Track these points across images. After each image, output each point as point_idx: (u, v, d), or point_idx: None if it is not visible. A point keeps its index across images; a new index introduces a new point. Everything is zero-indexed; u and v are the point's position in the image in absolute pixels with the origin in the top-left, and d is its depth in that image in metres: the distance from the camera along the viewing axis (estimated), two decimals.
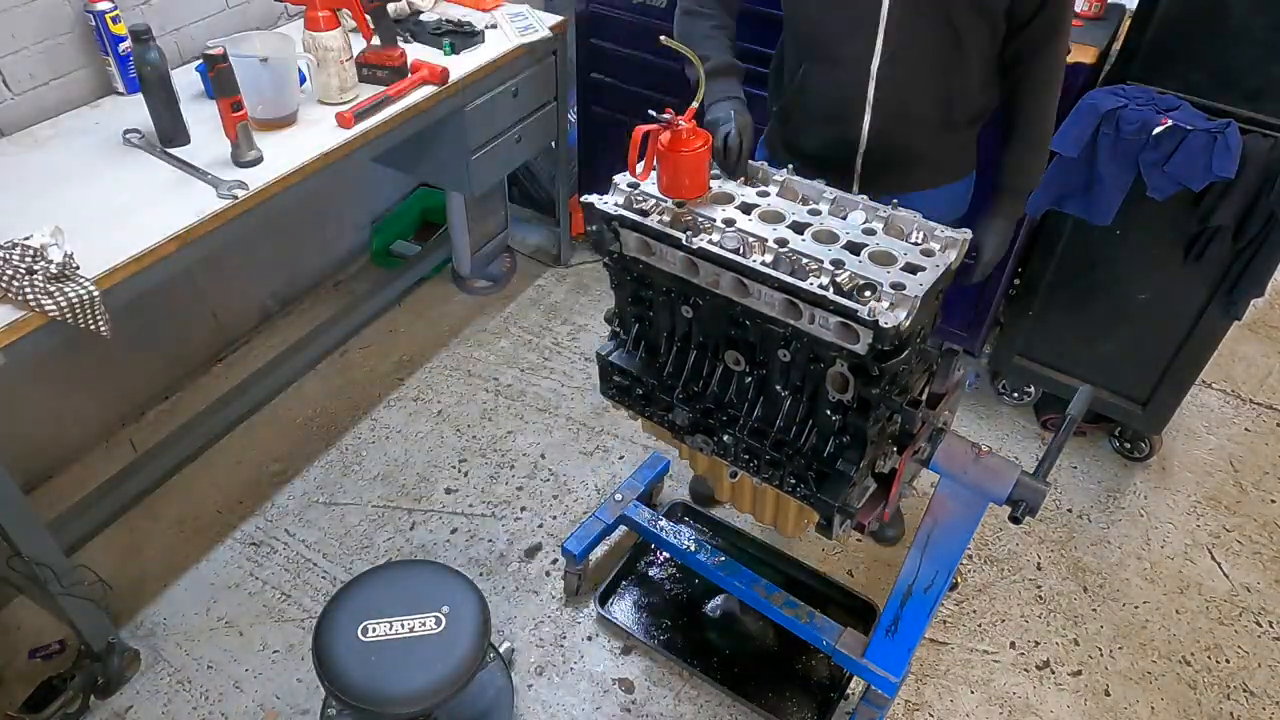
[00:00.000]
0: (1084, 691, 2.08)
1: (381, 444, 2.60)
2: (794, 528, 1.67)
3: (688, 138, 1.41)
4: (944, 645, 2.15)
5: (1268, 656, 2.16)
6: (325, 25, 2.05)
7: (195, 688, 2.01)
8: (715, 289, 1.44)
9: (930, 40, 1.56)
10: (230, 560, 2.27)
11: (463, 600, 1.62)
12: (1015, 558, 2.36)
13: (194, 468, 2.48)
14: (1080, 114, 2.03)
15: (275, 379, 2.64)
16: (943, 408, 1.49)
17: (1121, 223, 2.16)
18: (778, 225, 1.43)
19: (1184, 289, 2.24)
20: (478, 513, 2.42)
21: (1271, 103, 1.96)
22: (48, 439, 2.41)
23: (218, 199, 1.80)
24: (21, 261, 1.50)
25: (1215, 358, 2.39)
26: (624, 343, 1.69)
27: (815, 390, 1.45)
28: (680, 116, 1.41)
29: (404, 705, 1.49)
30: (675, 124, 1.41)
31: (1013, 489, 1.39)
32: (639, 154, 1.48)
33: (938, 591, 1.61)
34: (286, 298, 3.04)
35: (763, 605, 1.97)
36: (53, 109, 2.08)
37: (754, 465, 1.57)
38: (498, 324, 3.02)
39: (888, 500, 1.53)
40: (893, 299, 1.27)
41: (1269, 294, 2.86)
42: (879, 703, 1.86)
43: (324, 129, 2.05)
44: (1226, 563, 2.37)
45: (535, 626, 2.15)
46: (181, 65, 2.29)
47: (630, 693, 2.04)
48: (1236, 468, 2.63)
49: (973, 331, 2.67)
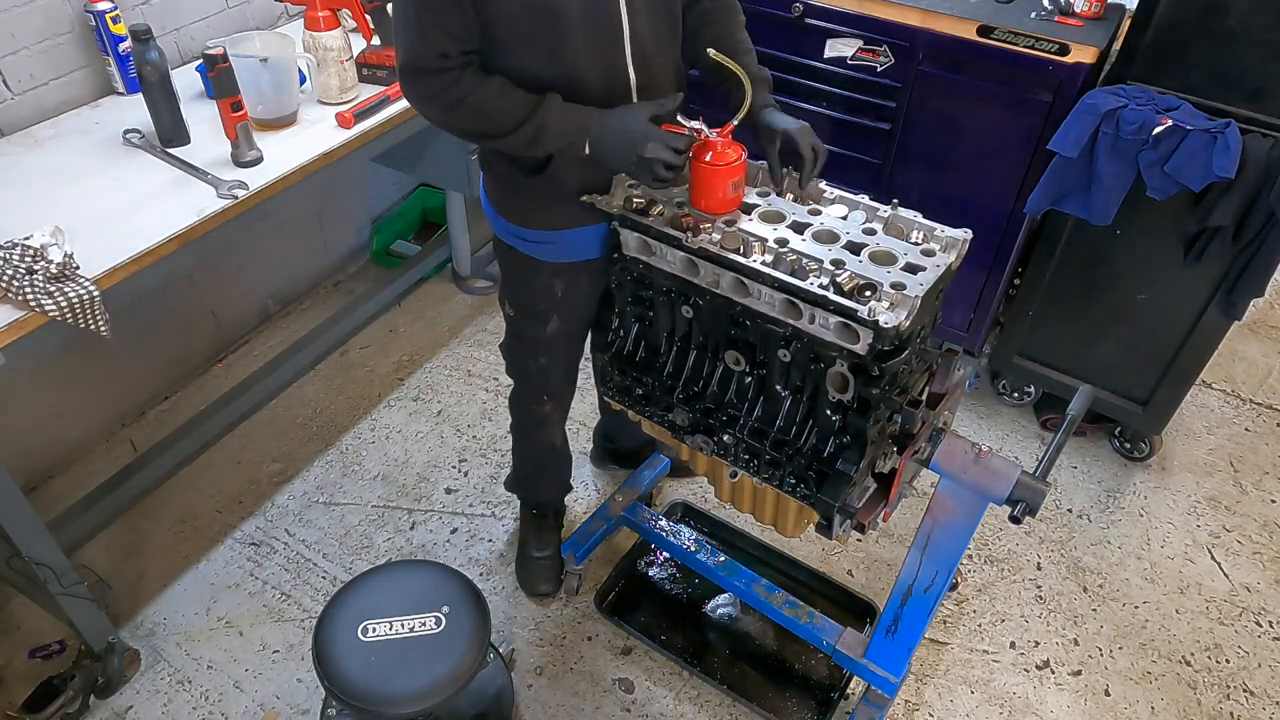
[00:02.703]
0: (1084, 691, 2.08)
1: (381, 444, 2.60)
2: (794, 528, 1.67)
3: (721, 151, 1.40)
4: (944, 645, 2.15)
5: (1268, 656, 2.16)
6: (325, 25, 2.05)
7: (195, 688, 2.01)
8: (715, 289, 1.44)
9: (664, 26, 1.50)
10: (230, 560, 2.27)
11: (463, 600, 1.62)
12: (1015, 558, 2.36)
13: (194, 468, 2.48)
14: (1080, 114, 2.03)
15: (275, 379, 2.63)
16: (943, 408, 1.49)
17: (1121, 223, 2.16)
18: (778, 225, 1.43)
19: (1184, 289, 2.24)
20: (478, 513, 2.42)
21: (1271, 103, 1.96)
22: (48, 439, 2.41)
23: (218, 199, 1.80)
24: (21, 261, 1.50)
25: (1215, 358, 2.39)
26: (624, 343, 1.69)
27: (815, 390, 1.45)
28: (713, 130, 1.40)
29: (404, 705, 1.49)
30: (703, 136, 1.40)
31: (1013, 489, 1.39)
32: None
33: (938, 591, 1.61)
34: (286, 298, 3.04)
35: (763, 605, 1.97)
36: (53, 109, 2.08)
37: (754, 465, 1.57)
38: (497, 324, 3.01)
39: (888, 500, 1.53)
40: (893, 299, 1.27)
41: (1269, 294, 2.87)
42: (879, 703, 1.86)
43: (324, 129, 2.05)
44: (1226, 563, 2.37)
45: (535, 626, 2.15)
46: (181, 65, 2.29)
47: (630, 693, 2.04)
48: (1236, 468, 2.63)
49: (973, 331, 2.67)
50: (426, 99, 1.41)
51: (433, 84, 1.38)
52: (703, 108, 1.63)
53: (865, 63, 2.37)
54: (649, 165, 1.39)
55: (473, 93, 1.38)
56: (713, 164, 1.40)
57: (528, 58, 1.40)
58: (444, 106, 1.41)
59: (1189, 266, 2.18)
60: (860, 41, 2.35)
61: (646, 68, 1.48)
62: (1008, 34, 2.16)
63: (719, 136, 1.40)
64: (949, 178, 2.42)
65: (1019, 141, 2.26)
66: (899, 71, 2.33)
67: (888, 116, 2.41)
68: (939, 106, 2.33)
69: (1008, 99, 2.23)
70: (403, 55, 1.38)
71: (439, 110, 1.42)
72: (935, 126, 2.36)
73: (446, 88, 1.38)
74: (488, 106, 1.39)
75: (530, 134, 1.39)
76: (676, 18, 1.52)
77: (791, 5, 2.37)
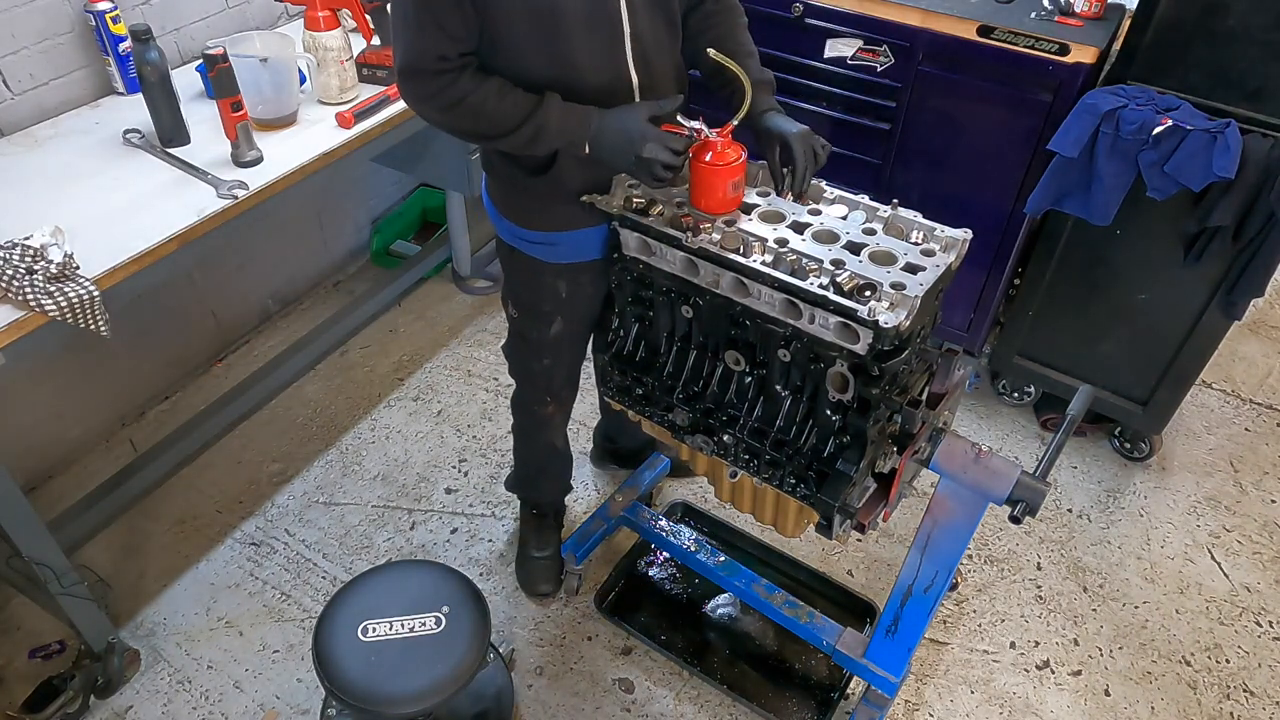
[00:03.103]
0: (1084, 691, 2.08)
1: (381, 444, 2.60)
2: (794, 528, 1.67)
3: (721, 151, 1.40)
4: (944, 645, 2.15)
5: (1268, 656, 2.16)
6: (325, 25, 2.05)
7: (195, 688, 2.01)
8: (715, 289, 1.44)
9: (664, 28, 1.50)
10: (230, 560, 2.27)
11: (463, 600, 1.62)
12: (1015, 558, 2.36)
13: (194, 468, 2.48)
14: (1080, 114, 2.03)
15: (275, 379, 2.63)
16: (943, 408, 1.49)
17: (1121, 223, 2.16)
18: (778, 225, 1.43)
19: (1184, 289, 2.24)
20: (478, 513, 2.42)
21: (1271, 103, 1.96)
22: (48, 439, 2.41)
23: (218, 199, 1.80)
24: (21, 261, 1.50)
25: (1215, 358, 2.39)
26: (624, 343, 1.69)
27: (815, 390, 1.45)
28: (713, 130, 1.40)
29: (404, 705, 1.49)
30: (702, 137, 1.40)
31: (1013, 489, 1.39)
32: None
33: (938, 591, 1.61)
34: (286, 298, 3.04)
35: (763, 605, 1.97)
36: (53, 109, 2.08)
37: (754, 465, 1.57)
38: (498, 324, 3.02)
39: (888, 500, 1.53)
40: (893, 299, 1.27)
41: (1269, 294, 2.87)
42: (879, 703, 1.86)
43: (324, 129, 2.05)
44: (1226, 563, 2.37)
45: (535, 626, 2.15)
46: (181, 65, 2.29)
47: (630, 693, 2.04)
48: (1236, 468, 2.63)
49: (973, 331, 2.67)
50: (425, 99, 1.41)
51: (431, 85, 1.38)
52: (705, 108, 1.63)
53: (865, 63, 2.37)
54: (648, 165, 1.40)
55: (471, 93, 1.38)
56: (712, 164, 1.40)
57: (528, 58, 1.40)
58: (442, 107, 1.40)
59: (1189, 266, 2.18)
60: (860, 41, 2.35)
61: (648, 68, 1.48)
62: (1008, 34, 2.16)
63: (719, 136, 1.40)
64: (949, 178, 2.42)
65: (1019, 141, 2.26)
66: (899, 71, 2.33)
67: (888, 116, 2.41)
68: (939, 106, 2.33)
69: (1008, 99, 2.23)
70: (401, 56, 1.38)
71: (437, 111, 1.42)
72: (935, 126, 2.36)
73: (444, 88, 1.38)
74: (487, 107, 1.39)
75: (530, 134, 1.39)
76: (675, 19, 1.52)
77: (791, 5, 2.37)
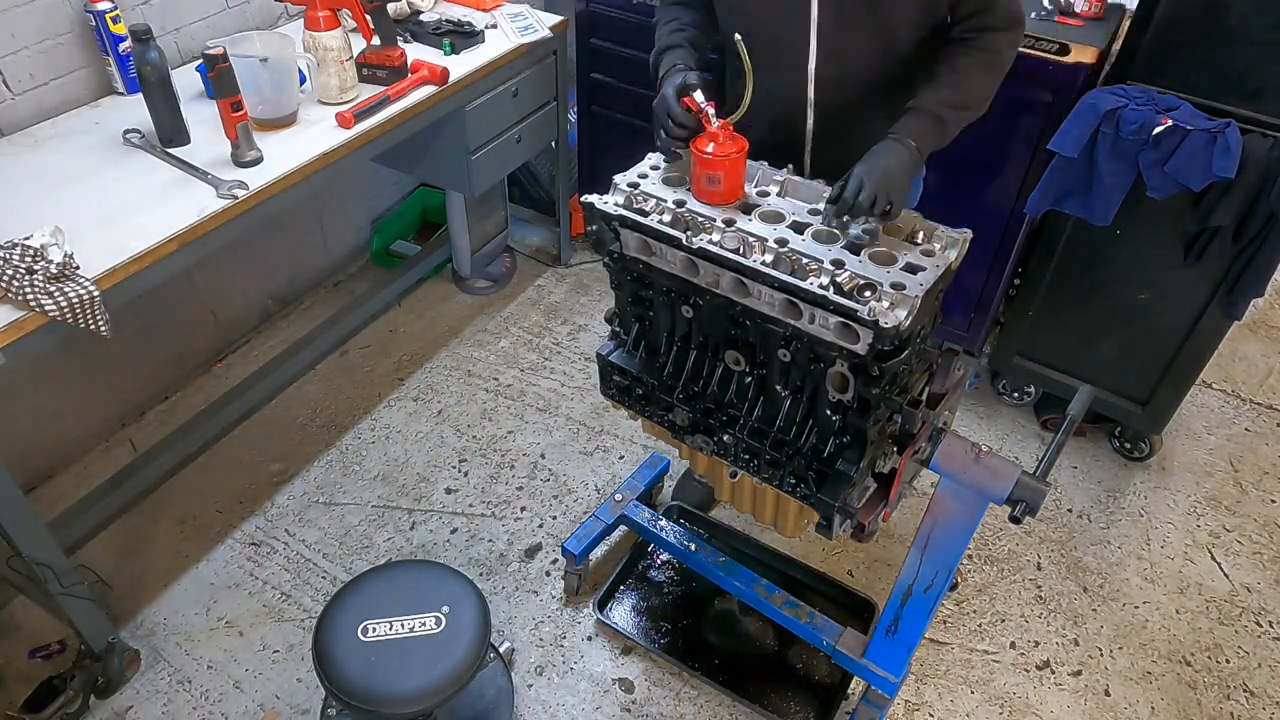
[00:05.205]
0: (1084, 691, 2.08)
1: (381, 444, 2.60)
2: (794, 528, 1.67)
3: (722, 143, 1.40)
4: (944, 645, 2.15)
5: (1268, 656, 2.16)
6: (325, 25, 2.05)
7: (195, 688, 2.01)
8: (715, 289, 1.44)
9: (862, 35, 1.53)
10: (230, 560, 2.27)
11: (463, 600, 1.62)
12: (1015, 558, 2.36)
13: (194, 468, 2.48)
14: (1080, 114, 2.03)
15: (275, 379, 2.63)
16: (943, 408, 1.49)
17: (1121, 223, 2.16)
18: (778, 225, 1.43)
19: (1184, 289, 2.24)
20: (478, 513, 2.42)
21: (1271, 103, 1.96)
22: (48, 439, 2.41)
23: (218, 199, 1.80)
24: (21, 261, 1.50)
25: (1215, 358, 2.39)
26: (624, 343, 1.69)
27: (815, 390, 1.45)
28: (717, 118, 1.40)
29: (404, 705, 1.49)
30: (705, 120, 1.41)
31: (1013, 489, 1.39)
32: None
33: (938, 591, 1.61)
34: (286, 298, 3.04)
35: (763, 605, 1.97)
36: (53, 109, 2.08)
37: (754, 465, 1.57)
38: (498, 324, 3.02)
39: (888, 500, 1.53)
40: (893, 299, 1.27)
41: (1269, 294, 2.86)
42: (879, 703, 1.86)
43: (324, 129, 2.05)
44: (1226, 563, 2.37)
45: (535, 626, 2.15)
46: (181, 65, 2.29)
47: (630, 693, 2.04)
48: (1236, 468, 2.63)
49: (973, 331, 2.67)
50: None
51: None
52: None
53: None
54: (655, 128, 1.49)
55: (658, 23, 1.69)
56: (712, 155, 1.40)
57: None
58: None
59: (1189, 266, 2.18)
60: None
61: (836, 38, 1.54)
62: None
63: (720, 127, 1.40)
64: (949, 178, 2.42)
65: (1019, 141, 2.26)
66: None
67: None
68: None
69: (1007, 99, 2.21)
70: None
71: None
72: None
73: None
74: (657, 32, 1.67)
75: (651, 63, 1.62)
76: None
77: None
